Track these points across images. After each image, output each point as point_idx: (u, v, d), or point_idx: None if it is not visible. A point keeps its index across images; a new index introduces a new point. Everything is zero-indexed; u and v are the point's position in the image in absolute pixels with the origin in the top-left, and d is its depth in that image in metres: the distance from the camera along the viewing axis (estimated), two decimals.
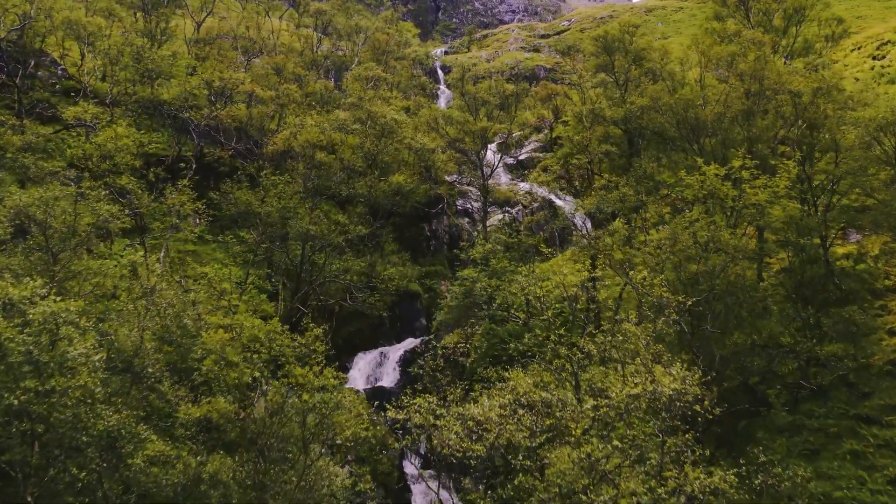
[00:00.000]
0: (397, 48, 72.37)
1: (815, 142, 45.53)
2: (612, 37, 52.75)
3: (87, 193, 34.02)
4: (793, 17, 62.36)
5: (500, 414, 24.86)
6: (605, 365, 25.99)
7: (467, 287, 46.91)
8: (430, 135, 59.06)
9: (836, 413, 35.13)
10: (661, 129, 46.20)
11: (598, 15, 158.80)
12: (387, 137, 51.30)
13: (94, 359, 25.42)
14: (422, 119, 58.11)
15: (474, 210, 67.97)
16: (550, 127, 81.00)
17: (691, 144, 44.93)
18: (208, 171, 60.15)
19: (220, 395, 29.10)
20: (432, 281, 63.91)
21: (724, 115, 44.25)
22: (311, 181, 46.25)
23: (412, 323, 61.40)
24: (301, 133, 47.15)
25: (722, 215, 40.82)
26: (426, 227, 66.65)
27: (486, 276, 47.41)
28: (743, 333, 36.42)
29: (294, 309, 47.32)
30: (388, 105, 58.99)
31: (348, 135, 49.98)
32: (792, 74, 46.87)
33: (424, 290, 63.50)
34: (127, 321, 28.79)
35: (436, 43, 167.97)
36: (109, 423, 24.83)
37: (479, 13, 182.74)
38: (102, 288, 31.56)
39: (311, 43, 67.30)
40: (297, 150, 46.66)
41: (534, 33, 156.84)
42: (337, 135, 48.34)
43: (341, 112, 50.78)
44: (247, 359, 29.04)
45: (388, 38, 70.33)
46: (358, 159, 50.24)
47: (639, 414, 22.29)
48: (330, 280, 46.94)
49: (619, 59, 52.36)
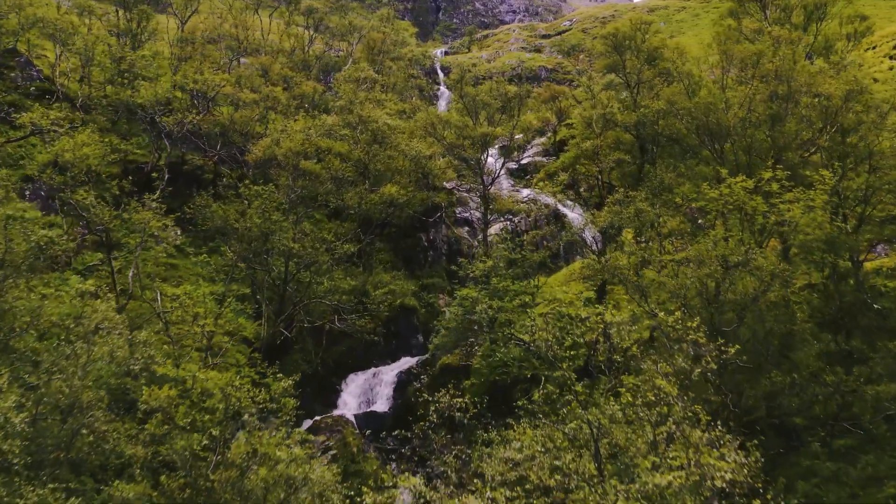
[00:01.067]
0: (393, 48, 67.29)
1: (848, 149, 40.55)
2: (623, 35, 47.65)
3: (23, 215, 28.87)
4: (813, 14, 57.22)
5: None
6: (631, 425, 21.07)
7: (466, 308, 41.86)
8: (428, 139, 53.99)
9: (887, 463, 30.08)
10: (678, 136, 41.12)
11: (599, 15, 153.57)
12: (379, 144, 46.27)
13: (14, 420, 20.50)
14: (418, 123, 53.07)
15: (475, 219, 62.87)
16: (554, 130, 75.90)
17: (712, 152, 39.84)
18: (190, 178, 55.14)
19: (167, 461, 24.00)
20: (430, 295, 58.84)
21: (748, 120, 39.15)
22: (294, 193, 41.12)
23: (408, 340, 56.36)
24: (284, 140, 42.09)
25: (748, 232, 35.80)
26: (423, 238, 61.56)
27: (487, 296, 42.39)
28: (779, 370, 31.35)
29: (278, 332, 42.31)
30: (382, 108, 53.92)
31: (337, 142, 44.92)
32: (820, 75, 41.76)
33: (422, 305, 58.44)
34: (65, 369, 23.75)
35: (436, 43, 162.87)
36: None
37: (480, 13, 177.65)
38: (39, 328, 26.43)
39: (303, 42, 62.12)
40: (280, 159, 41.55)
41: (535, 33, 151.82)
42: (324, 142, 43.30)
43: (329, 117, 45.67)
44: (195, 423, 23.84)
45: (384, 37, 65.25)
46: (347, 168, 45.21)
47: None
48: (316, 301, 41.87)
49: (631, 59, 47.25)
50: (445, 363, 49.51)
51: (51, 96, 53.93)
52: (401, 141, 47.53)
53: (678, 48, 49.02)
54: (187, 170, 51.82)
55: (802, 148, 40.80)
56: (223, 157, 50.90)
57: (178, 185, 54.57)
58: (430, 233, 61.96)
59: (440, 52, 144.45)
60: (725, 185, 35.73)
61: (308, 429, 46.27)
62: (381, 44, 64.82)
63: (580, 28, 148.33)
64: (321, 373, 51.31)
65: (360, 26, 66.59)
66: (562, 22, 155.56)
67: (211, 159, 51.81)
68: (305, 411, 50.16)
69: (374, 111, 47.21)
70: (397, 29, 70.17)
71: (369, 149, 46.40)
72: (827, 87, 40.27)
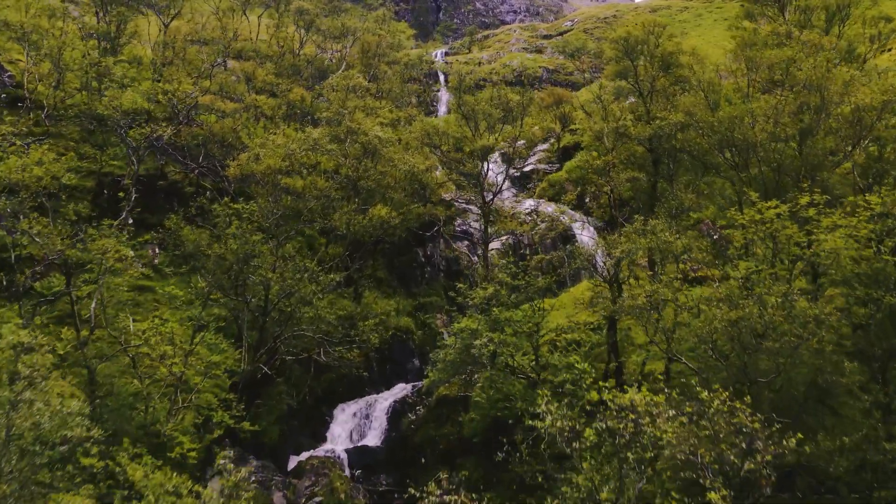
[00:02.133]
0: (389, 51, 62.33)
1: (886, 166, 35.89)
2: (635, 38, 42.79)
3: None
4: (835, 16, 52.35)
5: None
6: None
7: (465, 340, 37.12)
8: (424, 150, 49.22)
9: None
10: (699, 152, 36.32)
11: (601, 15, 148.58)
12: (370, 158, 41.48)
13: None
14: (414, 134, 48.25)
15: (475, 231, 58.07)
16: (558, 137, 71.08)
17: (736, 170, 35.06)
18: (171, 192, 50.32)
19: None
20: (427, 315, 54.07)
21: (776, 135, 34.36)
22: (275, 215, 36.29)
23: (404, 364, 51.64)
24: (264, 156, 37.27)
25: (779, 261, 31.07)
26: (420, 253, 56.82)
27: (487, 327, 37.66)
28: (821, 425, 26.66)
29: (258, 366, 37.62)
30: (376, 117, 49.08)
31: (323, 157, 40.17)
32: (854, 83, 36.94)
33: (418, 326, 53.67)
34: None
35: (436, 43, 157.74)
36: None
37: (481, 13, 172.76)
38: None
39: (292, 45, 57.12)
40: (259, 177, 36.70)
41: (536, 34, 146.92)
42: (309, 158, 38.53)
43: (315, 129, 40.82)
44: None
45: (379, 39, 60.30)
46: (334, 187, 40.43)
47: None
48: (299, 332, 37.11)
49: (644, 65, 42.41)
50: (443, 394, 44.79)
51: (23, 103, 49.32)
52: (394, 155, 42.71)
53: (695, 53, 44.14)
54: (166, 184, 47.10)
55: (834, 164, 36.07)
56: (204, 171, 46.19)
57: (156, 199, 49.81)
58: (428, 248, 57.23)
59: (440, 52, 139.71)
60: (755, 210, 31.05)
61: (292, 470, 41.62)
62: (377, 47, 59.92)
63: (581, 28, 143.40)
64: (309, 402, 46.64)
65: (353, 28, 61.52)
66: (563, 22, 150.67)
67: (192, 172, 47.10)
68: (292, 446, 45.63)
69: (365, 122, 42.36)
70: (393, 31, 65.10)
71: (359, 164, 41.58)
72: (861, 96, 35.53)
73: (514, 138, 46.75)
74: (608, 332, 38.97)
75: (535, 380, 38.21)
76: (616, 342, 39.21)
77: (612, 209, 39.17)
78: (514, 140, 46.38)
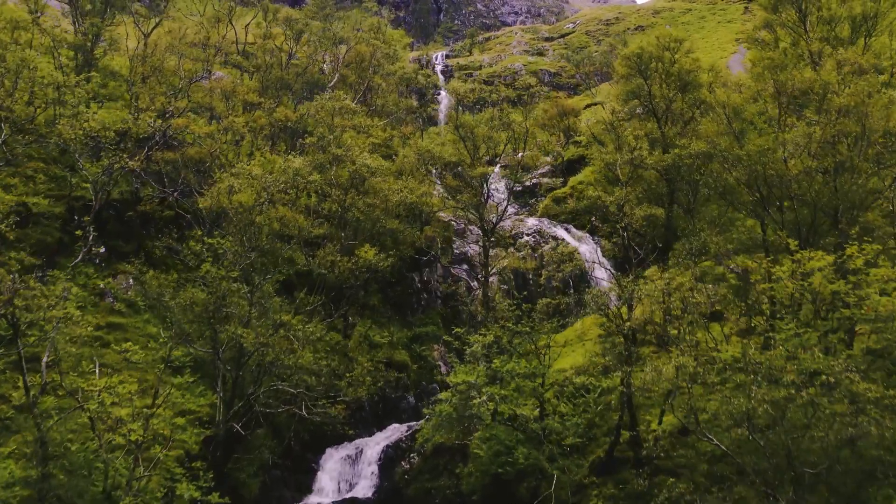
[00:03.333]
0: (384, 61, 57.30)
1: None
2: (649, 55, 38.02)
3: None
4: (862, 27, 47.55)
5: None
6: None
7: (462, 394, 32.55)
8: (419, 172, 44.54)
9: None
10: (724, 188, 31.54)
11: (603, 17, 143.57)
12: (357, 189, 36.80)
13: None
14: (408, 159, 43.45)
15: (474, 255, 53.32)
16: (562, 150, 66.37)
17: (765, 207, 30.36)
18: (146, 217, 45.61)
19: None
20: (423, 347, 49.41)
21: (812, 170, 29.70)
22: (246, 259, 31.55)
23: (397, 402, 46.83)
24: (237, 192, 32.51)
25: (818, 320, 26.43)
26: (416, 279, 52.12)
27: (486, 378, 33.11)
28: None
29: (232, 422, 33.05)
30: (367, 137, 44.39)
31: (303, 193, 35.49)
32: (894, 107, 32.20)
33: (413, 359, 48.92)
34: None
35: (437, 45, 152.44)
36: None
37: (482, 14, 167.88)
38: None
39: (280, 58, 52.15)
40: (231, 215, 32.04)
41: (537, 36, 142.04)
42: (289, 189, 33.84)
43: (296, 158, 35.97)
44: None
45: (374, 49, 55.39)
46: (314, 224, 35.78)
47: None
48: (277, 386, 32.52)
49: (659, 86, 37.65)
50: (439, 441, 40.13)
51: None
52: (383, 185, 37.98)
53: (715, 70, 39.31)
54: (138, 212, 42.48)
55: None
56: (179, 198, 41.63)
57: (132, 225, 45.26)
58: (424, 273, 52.52)
59: (441, 54, 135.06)
60: (791, 260, 26.44)
61: None
62: (371, 57, 55.05)
63: (584, 31, 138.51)
64: (295, 448, 42.07)
65: (346, 38, 56.39)
66: (565, 24, 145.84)
67: (168, 197, 42.59)
68: (275, 498, 41.00)
69: (356, 141, 37.62)
70: (389, 41, 60.17)
71: (345, 197, 36.92)
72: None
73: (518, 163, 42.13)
74: (622, 384, 34.43)
75: (541, 436, 33.68)
76: (631, 394, 34.68)
77: (628, 250, 34.45)
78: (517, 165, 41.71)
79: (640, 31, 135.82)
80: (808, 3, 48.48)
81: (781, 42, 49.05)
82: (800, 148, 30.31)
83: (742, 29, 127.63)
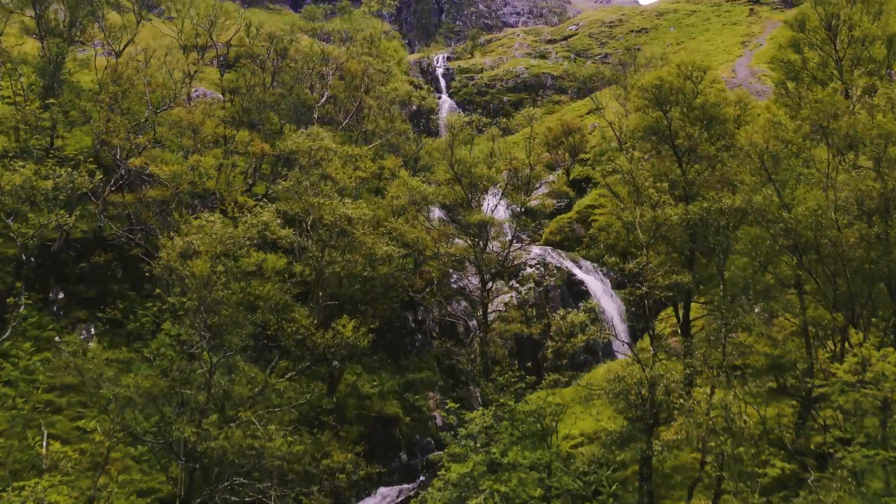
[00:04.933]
0: (378, 74, 51.32)
1: None
2: (669, 86, 32.43)
3: None
4: None
5: None
6: None
7: (456, 487, 27.14)
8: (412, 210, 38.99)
9: None
10: (766, 256, 25.87)
11: (606, 19, 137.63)
12: (336, 242, 31.33)
13: None
14: (400, 201, 37.72)
15: (473, 290, 47.73)
16: (567, 170, 60.86)
17: (814, 277, 24.86)
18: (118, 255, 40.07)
19: None
20: (416, 396, 43.96)
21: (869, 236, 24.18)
22: (203, 339, 26.06)
23: (387, 459, 41.43)
24: (190, 258, 26.95)
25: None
26: (409, 318, 46.66)
27: (484, 467, 27.74)
28: None
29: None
30: (354, 170, 38.80)
31: (270, 251, 29.98)
32: None
33: (406, 410, 43.49)
34: None
35: (438, 46, 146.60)
36: None
37: (483, 15, 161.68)
38: None
39: (263, 78, 46.24)
40: (187, 282, 26.55)
41: (540, 38, 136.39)
42: (249, 259, 28.29)
43: (265, 211, 30.23)
44: None
45: (366, 66, 49.48)
46: (286, 290, 30.31)
47: None
48: (241, 477, 27.14)
49: (682, 122, 32.03)
50: None
51: None
52: (367, 241, 32.36)
53: (743, 103, 33.59)
54: (102, 257, 37.11)
55: None
56: (142, 242, 36.22)
57: (94, 267, 39.82)
58: (419, 311, 47.09)
59: (442, 56, 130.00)
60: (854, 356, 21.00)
61: None
62: (362, 75, 49.24)
63: (586, 33, 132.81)
64: None
65: (335, 56, 50.43)
66: (567, 26, 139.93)
67: (132, 241, 37.22)
68: None
69: (333, 196, 31.97)
70: (383, 53, 54.14)
71: (322, 255, 31.43)
72: None
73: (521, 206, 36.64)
74: (641, 468, 29.12)
75: None
76: (651, 476, 29.41)
77: (648, 319, 28.93)
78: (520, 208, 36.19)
79: (644, 33, 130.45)
80: (839, 21, 42.84)
81: (809, 62, 43.44)
82: (853, 205, 24.78)
83: (748, 31, 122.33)
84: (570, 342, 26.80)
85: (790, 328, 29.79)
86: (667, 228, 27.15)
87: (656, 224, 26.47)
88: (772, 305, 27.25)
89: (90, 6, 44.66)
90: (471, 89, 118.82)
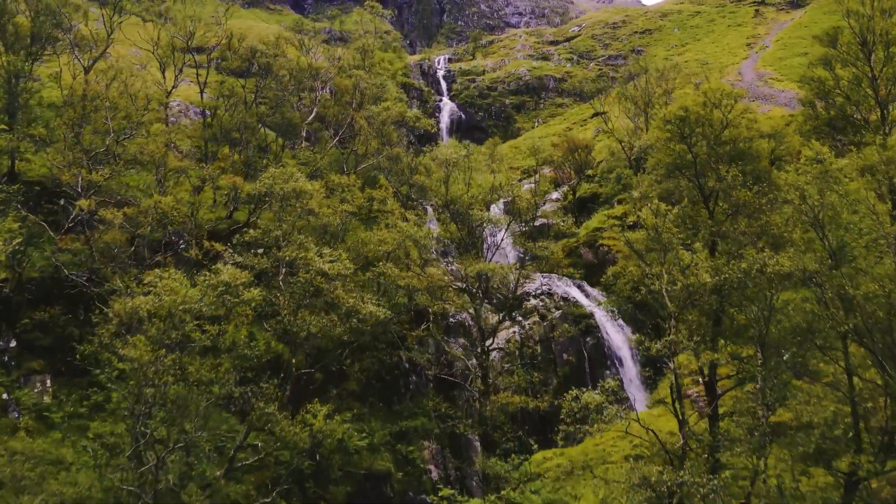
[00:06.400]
0: (371, 92, 46.15)
1: None
2: (694, 116, 27.43)
3: None
4: None
5: None
6: None
7: None
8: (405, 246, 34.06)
9: None
10: (821, 334, 21.01)
11: (609, 20, 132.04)
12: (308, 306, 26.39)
13: None
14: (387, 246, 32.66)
15: (471, 326, 42.75)
16: (574, 189, 55.84)
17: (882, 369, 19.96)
18: (73, 298, 35.06)
19: None
20: (410, 447, 39.06)
21: None
22: (143, 428, 21.16)
23: None
24: (138, 338, 21.93)
25: None
26: (403, 358, 41.70)
27: None
28: None
29: None
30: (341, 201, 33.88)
31: (230, 321, 25.10)
32: None
33: (398, 464, 38.59)
34: None
35: (440, 46, 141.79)
36: None
37: (485, 15, 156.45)
38: None
39: (244, 95, 41.07)
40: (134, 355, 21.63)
41: (542, 39, 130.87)
42: (201, 331, 23.44)
43: (228, 269, 25.29)
44: None
45: (357, 81, 44.38)
46: (247, 367, 25.50)
47: None
48: None
49: (706, 154, 27.06)
50: None
51: None
52: (350, 301, 27.41)
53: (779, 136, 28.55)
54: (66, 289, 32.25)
55: None
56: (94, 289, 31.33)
57: (52, 310, 34.87)
58: (413, 350, 42.14)
59: (443, 58, 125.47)
60: None
61: None
62: (354, 90, 44.15)
63: (589, 34, 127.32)
64: None
65: (324, 70, 45.22)
66: (570, 27, 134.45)
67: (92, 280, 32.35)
68: None
69: (310, 247, 26.97)
70: (375, 70, 48.87)
71: (294, 319, 26.54)
72: None
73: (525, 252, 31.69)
74: None
75: None
76: None
77: (675, 405, 23.90)
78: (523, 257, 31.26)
79: (648, 34, 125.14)
80: (874, 36, 37.78)
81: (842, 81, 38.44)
82: None
83: (753, 33, 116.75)
84: (583, 429, 21.95)
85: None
86: (699, 296, 22.22)
87: (688, 292, 21.55)
88: (813, 386, 22.34)
89: (55, 18, 39.68)
90: (472, 92, 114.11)
